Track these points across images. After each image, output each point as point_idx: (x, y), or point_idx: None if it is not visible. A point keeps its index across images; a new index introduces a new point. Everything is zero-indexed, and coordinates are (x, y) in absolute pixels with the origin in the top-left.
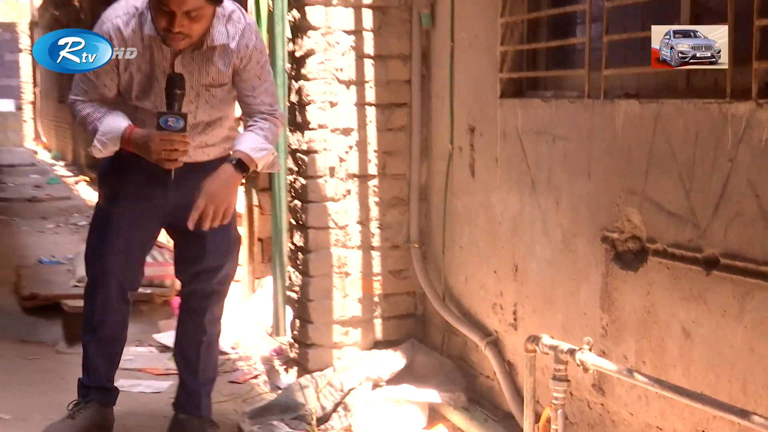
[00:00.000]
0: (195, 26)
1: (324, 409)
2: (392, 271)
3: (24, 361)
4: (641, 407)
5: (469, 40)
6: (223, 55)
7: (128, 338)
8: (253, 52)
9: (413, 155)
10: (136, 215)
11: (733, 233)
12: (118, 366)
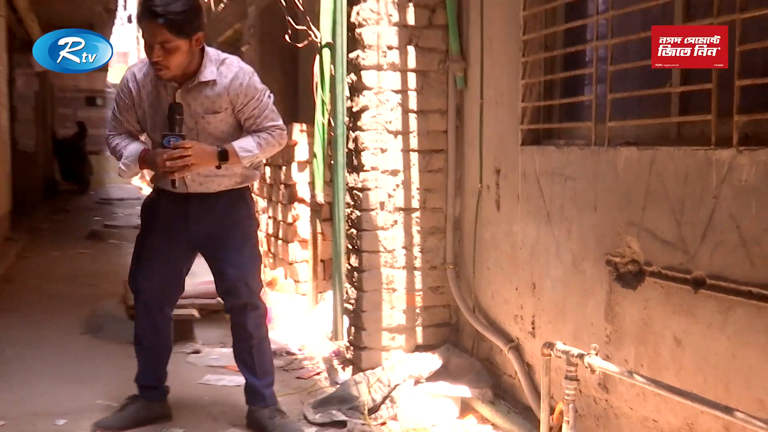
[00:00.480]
0: (171, 58)
1: (374, 401)
2: (431, 287)
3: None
4: (639, 403)
5: (495, 98)
6: (213, 88)
7: (214, 340)
8: (247, 90)
9: (449, 192)
10: (164, 244)
11: (717, 258)
12: (165, 367)
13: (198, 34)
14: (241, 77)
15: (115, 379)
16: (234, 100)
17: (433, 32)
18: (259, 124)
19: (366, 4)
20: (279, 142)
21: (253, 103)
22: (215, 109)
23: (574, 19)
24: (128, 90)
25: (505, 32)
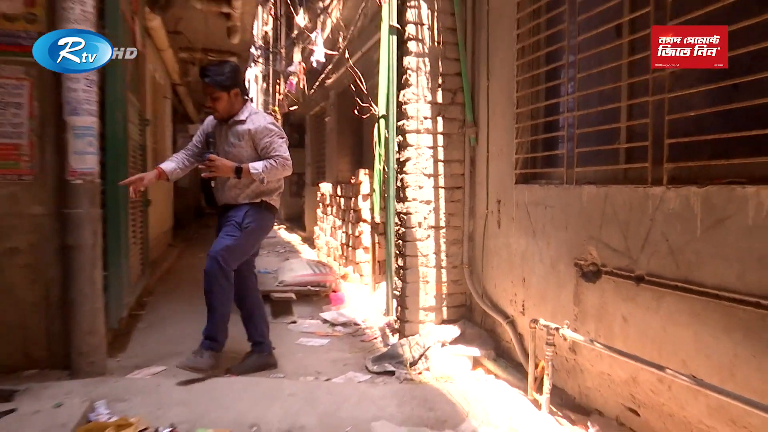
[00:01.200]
0: (217, 104)
1: (414, 358)
2: (453, 280)
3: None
4: (598, 362)
5: (497, 152)
6: (241, 127)
7: (305, 314)
8: (263, 131)
9: (465, 215)
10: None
11: (653, 262)
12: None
13: (233, 89)
14: (257, 123)
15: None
16: (254, 136)
17: (455, 107)
18: (269, 152)
19: (409, 89)
20: (281, 165)
21: (266, 139)
22: (240, 140)
23: (550, 98)
24: (201, 130)
25: (504, 107)
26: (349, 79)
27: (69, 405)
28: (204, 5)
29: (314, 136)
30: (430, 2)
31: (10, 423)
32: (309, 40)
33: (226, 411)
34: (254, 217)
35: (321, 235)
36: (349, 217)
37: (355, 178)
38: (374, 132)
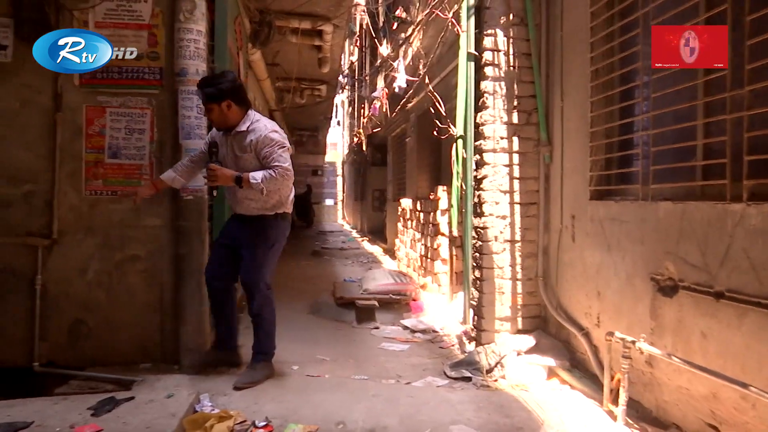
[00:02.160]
0: (210, 115)
1: (490, 365)
2: (528, 292)
3: (336, 331)
4: (676, 376)
5: (571, 169)
6: (244, 137)
7: (387, 321)
8: (264, 141)
9: (540, 230)
10: (216, 248)
11: (733, 278)
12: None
13: (224, 101)
14: (261, 132)
15: (327, 343)
16: (255, 146)
17: (530, 127)
18: (269, 162)
19: (486, 111)
20: (281, 176)
21: (266, 150)
22: (243, 152)
23: (624, 117)
24: (206, 142)
25: (578, 127)
26: (429, 102)
27: (178, 396)
28: (298, 39)
29: (395, 156)
30: (506, 30)
31: (130, 409)
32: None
33: (315, 408)
34: (276, 231)
35: (401, 247)
36: (428, 230)
37: (434, 194)
38: (452, 151)
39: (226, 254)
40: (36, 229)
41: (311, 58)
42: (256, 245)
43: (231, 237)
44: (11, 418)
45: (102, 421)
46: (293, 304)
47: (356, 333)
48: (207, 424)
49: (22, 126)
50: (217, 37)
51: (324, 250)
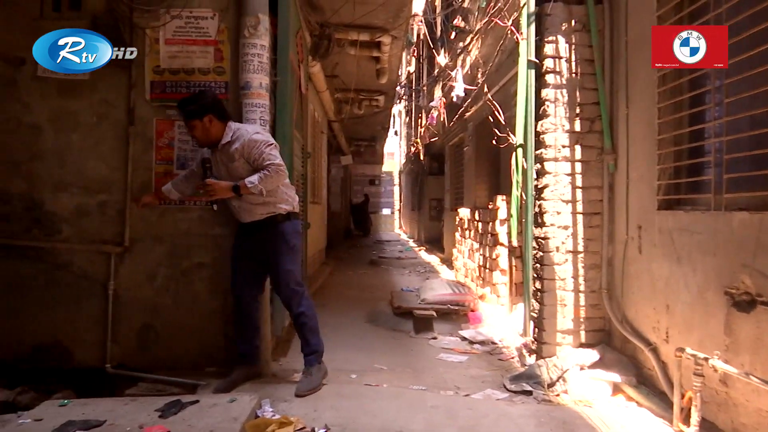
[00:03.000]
0: (194, 132)
1: (551, 379)
2: (591, 304)
3: (393, 340)
4: (754, 397)
5: (637, 178)
6: (230, 148)
7: (445, 331)
8: (250, 144)
9: (604, 241)
10: (236, 259)
11: None
12: (250, 341)
13: (206, 116)
14: (245, 137)
15: (385, 352)
16: (243, 152)
17: (592, 135)
18: (261, 163)
19: (547, 119)
20: (275, 172)
21: (255, 151)
22: (232, 160)
23: (694, 124)
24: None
25: (644, 134)
26: (487, 111)
27: (240, 401)
28: (357, 51)
29: (453, 165)
30: (568, 36)
31: (195, 412)
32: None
33: (373, 417)
34: (292, 233)
35: (459, 256)
36: (486, 240)
37: (493, 203)
38: (511, 160)
39: (249, 266)
40: (109, 237)
41: (369, 69)
42: (279, 252)
43: (249, 249)
44: (86, 416)
45: (169, 422)
46: (351, 312)
47: (414, 343)
48: (268, 430)
49: (97, 139)
50: (279, 51)
51: (381, 260)
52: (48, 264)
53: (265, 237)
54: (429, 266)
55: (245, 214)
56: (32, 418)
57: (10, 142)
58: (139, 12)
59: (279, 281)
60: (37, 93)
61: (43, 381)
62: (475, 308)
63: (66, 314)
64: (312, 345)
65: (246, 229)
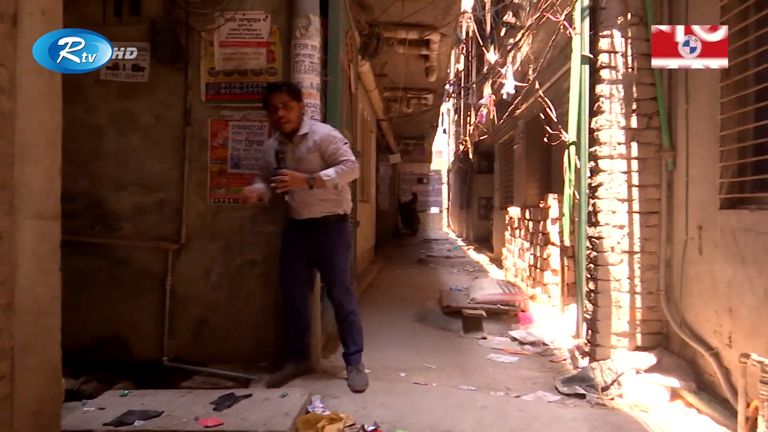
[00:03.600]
0: (289, 113)
1: (605, 383)
2: (647, 306)
3: (442, 339)
4: None
5: (698, 176)
6: (307, 140)
7: (495, 332)
8: (328, 139)
9: (661, 241)
10: (288, 257)
11: None
12: (302, 339)
13: (302, 102)
14: (323, 132)
15: (434, 351)
16: (320, 146)
17: (650, 132)
18: (337, 158)
19: (602, 115)
20: (351, 169)
21: (332, 146)
22: (309, 152)
23: (761, 119)
24: (264, 153)
25: (705, 130)
26: (538, 108)
27: (292, 396)
28: (406, 49)
29: (502, 163)
30: (623, 30)
31: (248, 406)
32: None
33: (422, 416)
34: (348, 232)
35: (509, 256)
36: (537, 239)
37: (544, 202)
38: (564, 158)
39: (301, 264)
40: (167, 235)
41: (418, 67)
42: (336, 250)
43: (303, 247)
44: (144, 406)
45: (222, 415)
46: (399, 311)
47: (463, 342)
48: (319, 425)
49: (156, 139)
50: (330, 51)
51: (429, 258)
52: (109, 260)
53: (322, 235)
54: (478, 265)
55: (305, 210)
56: (96, 407)
57: (74, 143)
58: (194, 15)
59: (334, 279)
60: (99, 96)
61: (105, 372)
62: (526, 308)
63: (126, 308)
64: (358, 343)
65: (300, 226)
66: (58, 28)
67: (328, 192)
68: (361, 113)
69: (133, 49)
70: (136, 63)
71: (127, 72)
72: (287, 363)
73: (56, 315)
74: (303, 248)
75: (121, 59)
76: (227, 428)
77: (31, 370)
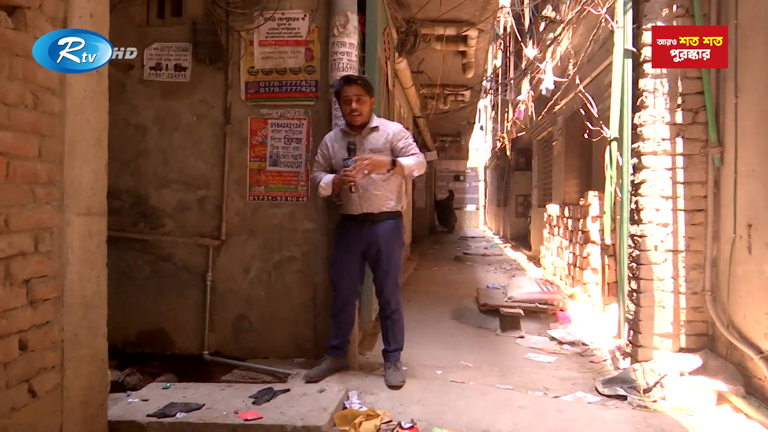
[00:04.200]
0: (362, 106)
1: (647, 384)
2: (692, 307)
3: (479, 338)
4: None
5: (747, 173)
6: (379, 133)
7: (533, 330)
8: (399, 134)
9: (707, 239)
10: (343, 253)
11: None
12: (345, 335)
13: (374, 97)
14: (396, 127)
15: (471, 349)
16: (392, 140)
17: (695, 127)
18: (407, 152)
19: (646, 110)
20: (421, 162)
21: (402, 142)
22: (377, 147)
23: None
24: (326, 146)
25: (756, 125)
26: (578, 103)
27: (329, 392)
28: (443, 46)
29: (541, 160)
30: (668, 23)
31: (286, 400)
32: (538, 69)
33: (459, 414)
34: (402, 231)
35: (547, 254)
36: (576, 237)
37: (584, 199)
38: (605, 154)
39: (354, 260)
40: (207, 231)
41: (455, 63)
42: (393, 246)
43: (359, 242)
44: (186, 399)
45: (261, 409)
46: (436, 308)
47: (500, 341)
48: (356, 421)
49: (197, 138)
50: (367, 49)
51: (466, 256)
52: (152, 255)
53: (380, 230)
54: (515, 263)
55: (366, 204)
56: (139, 398)
57: (119, 141)
58: (234, 15)
59: (389, 275)
60: (143, 95)
61: (148, 364)
62: (565, 308)
63: (168, 303)
64: (399, 342)
65: (356, 220)
66: (105, 30)
67: (392, 188)
68: (398, 110)
69: (133, 49)
70: (178, 63)
71: (170, 72)
72: (326, 358)
73: (102, 308)
74: (359, 243)
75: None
76: (266, 422)
77: (79, 361)
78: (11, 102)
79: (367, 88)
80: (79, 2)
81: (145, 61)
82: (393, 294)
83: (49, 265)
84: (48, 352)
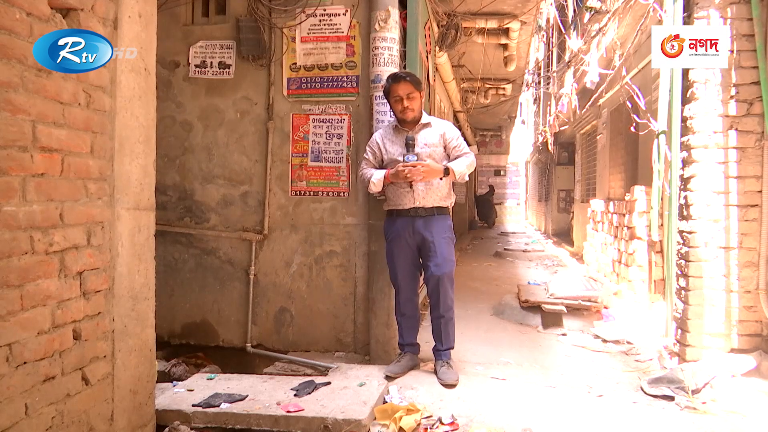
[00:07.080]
0: (413, 103)
1: (696, 385)
2: (745, 306)
3: (520, 334)
4: None
5: None
6: (431, 129)
7: (575, 327)
8: (452, 133)
9: (762, 236)
10: (399, 250)
11: None
12: (417, 331)
13: (422, 91)
14: (447, 124)
15: (511, 346)
16: (446, 137)
17: (750, 119)
18: (460, 151)
19: (696, 102)
20: (472, 162)
21: (455, 140)
22: (432, 142)
23: None
24: (376, 143)
25: None
26: (624, 96)
27: (369, 386)
28: (484, 39)
29: (584, 154)
30: (722, 10)
31: (327, 393)
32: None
33: (499, 411)
34: (451, 227)
35: (590, 250)
36: (621, 233)
37: (630, 195)
38: (652, 148)
39: (412, 256)
40: (250, 226)
41: (497, 57)
42: (446, 241)
43: (412, 238)
44: (229, 390)
45: (303, 401)
46: (476, 304)
47: (542, 338)
48: (396, 416)
49: (240, 134)
50: (408, 44)
51: (506, 252)
52: (197, 249)
53: (432, 226)
54: (557, 260)
55: (420, 198)
56: (185, 388)
57: (166, 138)
58: (277, 12)
59: (443, 270)
60: (188, 93)
61: (193, 355)
62: (609, 305)
63: (212, 296)
64: (451, 341)
65: (407, 216)
66: (152, 29)
67: (442, 184)
68: (439, 105)
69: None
70: (222, 60)
71: (214, 69)
72: (404, 355)
73: (150, 300)
74: (413, 239)
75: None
76: (307, 414)
77: (128, 351)
78: (65, 100)
79: (415, 83)
80: (128, 2)
81: (190, 59)
82: (448, 292)
83: (100, 258)
84: (100, 342)
